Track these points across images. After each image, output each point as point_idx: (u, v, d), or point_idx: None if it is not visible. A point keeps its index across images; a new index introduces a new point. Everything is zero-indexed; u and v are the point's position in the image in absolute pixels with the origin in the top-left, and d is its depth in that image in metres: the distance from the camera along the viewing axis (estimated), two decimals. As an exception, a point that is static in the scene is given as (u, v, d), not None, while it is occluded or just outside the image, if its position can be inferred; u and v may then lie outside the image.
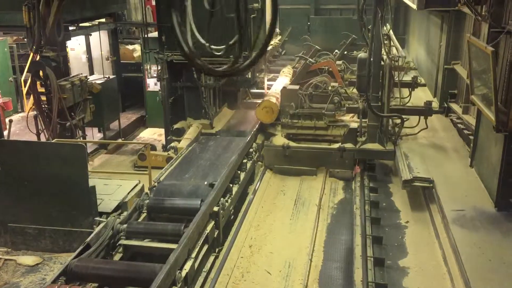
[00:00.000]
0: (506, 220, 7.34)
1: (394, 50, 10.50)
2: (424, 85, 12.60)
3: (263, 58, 12.25)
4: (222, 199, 7.66)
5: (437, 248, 7.51)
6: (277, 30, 15.02)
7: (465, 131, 10.25)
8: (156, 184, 7.91)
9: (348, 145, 10.19)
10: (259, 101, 12.01)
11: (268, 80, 13.54)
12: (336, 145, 10.28)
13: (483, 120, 8.48)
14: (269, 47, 12.87)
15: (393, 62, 9.95)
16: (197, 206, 6.98)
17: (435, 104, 10.79)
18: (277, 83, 12.95)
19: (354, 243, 7.62)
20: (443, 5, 10.22)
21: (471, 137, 9.39)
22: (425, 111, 10.31)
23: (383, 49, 9.72)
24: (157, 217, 7.26)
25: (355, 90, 11.48)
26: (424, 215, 8.55)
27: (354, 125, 10.49)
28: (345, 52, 15.04)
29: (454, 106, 11.36)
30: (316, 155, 10.36)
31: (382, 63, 9.85)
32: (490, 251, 6.63)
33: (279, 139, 10.69)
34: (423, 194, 9.06)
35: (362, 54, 10.69)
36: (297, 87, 11.03)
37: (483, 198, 7.99)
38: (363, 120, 10.30)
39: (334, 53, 14.75)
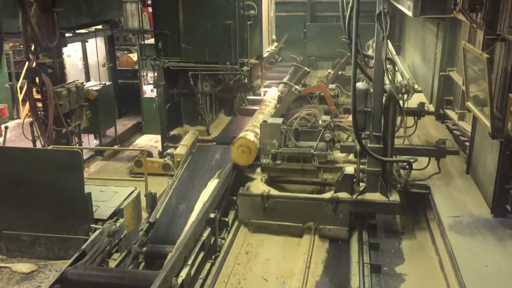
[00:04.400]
0: (502, 226, 7.35)
1: (399, 76, 8.69)
2: (431, 113, 11.02)
3: (259, 65, 12.27)
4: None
5: (433, 255, 7.51)
6: (274, 36, 15.07)
7: (461, 138, 10.28)
8: (151, 221, 7.82)
9: (343, 195, 8.03)
10: (256, 107, 12.02)
11: (264, 86, 13.57)
12: (328, 194, 8.16)
13: (478, 127, 8.51)
14: (266, 54, 12.90)
15: (399, 92, 8.00)
16: None
17: (450, 143, 9.01)
18: (272, 90, 12.95)
19: (350, 249, 7.61)
20: (438, 12, 10.27)
21: (467, 144, 9.42)
22: (438, 151, 8.51)
23: (385, 78, 7.75)
24: (156, 263, 7.06)
25: (350, 118, 8.95)
26: (421, 221, 8.56)
27: (350, 169, 8.21)
28: (340, 72, 13.68)
29: (450, 112, 11.40)
30: (303, 207, 8.16)
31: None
32: (486, 257, 6.63)
33: (258, 186, 8.53)
34: (419, 201, 9.06)
35: (359, 85, 8.03)
36: (280, 120, 9.06)
37: (479, 204, 8.01)
38: (361, 160, 8.20)
39: (327, 73, 13.72)
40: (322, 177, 8.84)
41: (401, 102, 7.89)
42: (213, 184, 7.93)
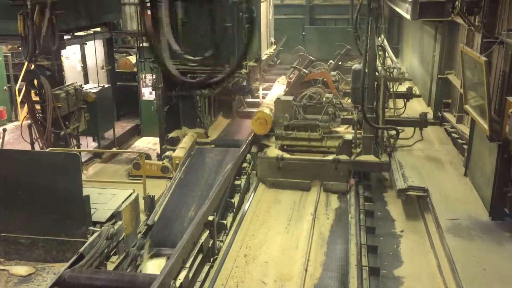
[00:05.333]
0: (500, 229, 7.37)
1: (388, 61, 10.43)
2: (419, 96, 12.56)
3: (258, 67, 12.29)
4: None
5: (432, 257, 7.51)
6: (272, 39, 15.07)
7: (459, 141, 10.29)
8: (150, 224, 7.86)
9: (343, 157, 10.02)
10: (254, 110, 12.06)
11: (263, 89, 13.58)
12: (330, 157, 10.12)
13: (476, 130, 8.52)
14: (264, 57, 12.92)
15: (388, 73, 9.84)
16: None
17: (430, 116, 10.89)
18: (273, 92, 12.99)
19: (349, 252, 7.61)
20: (436, 16, 10.31)
21: (465, 147, 9.43)
22: (420, 122, 10.39)
23: (377, 61, 9.62)
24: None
25: (349, 101, 11.36)
26: (419, 224, 8.56)
27: (349, 136, 10.34)
28: (340, 63, 15.14)
29: (448, 115, 11.43)
30: (311, 167, 10.07)
31: (377, 74, 9.82)
32: (484, 260, 6.64)
33: (273, 151, 10.50)
34: (417, 203, 9.07)
35: (356, 66, 10.63)
36: (291, 98, 10.91)
37: (477, 207, 8.02)
38: (358, 131, 10.17)
39: (328, 63, 14.85)
40: (325, 144, 10.58)
41: (391, 84, 9.89)
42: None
